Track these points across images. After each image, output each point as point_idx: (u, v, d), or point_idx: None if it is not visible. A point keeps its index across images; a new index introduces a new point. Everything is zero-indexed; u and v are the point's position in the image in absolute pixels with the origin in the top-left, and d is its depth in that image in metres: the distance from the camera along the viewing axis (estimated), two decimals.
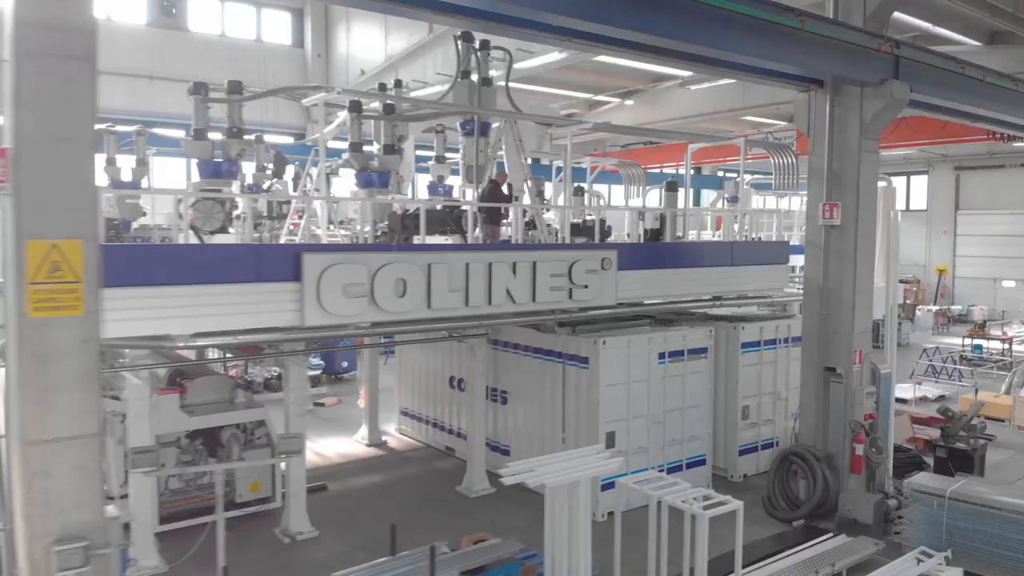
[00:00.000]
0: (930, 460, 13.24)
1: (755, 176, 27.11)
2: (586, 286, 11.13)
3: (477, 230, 11.88)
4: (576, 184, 18.28)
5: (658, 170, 35.64)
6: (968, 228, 37.61)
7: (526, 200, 13.31)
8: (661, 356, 12.23)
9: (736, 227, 16.19)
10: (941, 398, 19.52)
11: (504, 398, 13.31)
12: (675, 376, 12.40)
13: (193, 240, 10.22)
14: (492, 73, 13.67)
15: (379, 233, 12.10)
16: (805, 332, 11.74)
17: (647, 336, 12.16)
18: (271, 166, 15.97)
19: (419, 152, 18.65)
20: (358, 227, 12.45)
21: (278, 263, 8.58)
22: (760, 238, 20.69)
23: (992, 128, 15.50)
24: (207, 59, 24.14)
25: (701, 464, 12.85)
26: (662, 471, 12.28)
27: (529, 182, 13.21)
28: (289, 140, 25.00)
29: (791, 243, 16.39)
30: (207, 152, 11.17)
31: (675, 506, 7.92)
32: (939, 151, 36.57)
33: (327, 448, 15.22)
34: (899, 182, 39.89)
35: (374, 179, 12.07)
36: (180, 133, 20.22)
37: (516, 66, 17.88)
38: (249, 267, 8.38)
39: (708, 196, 41.67)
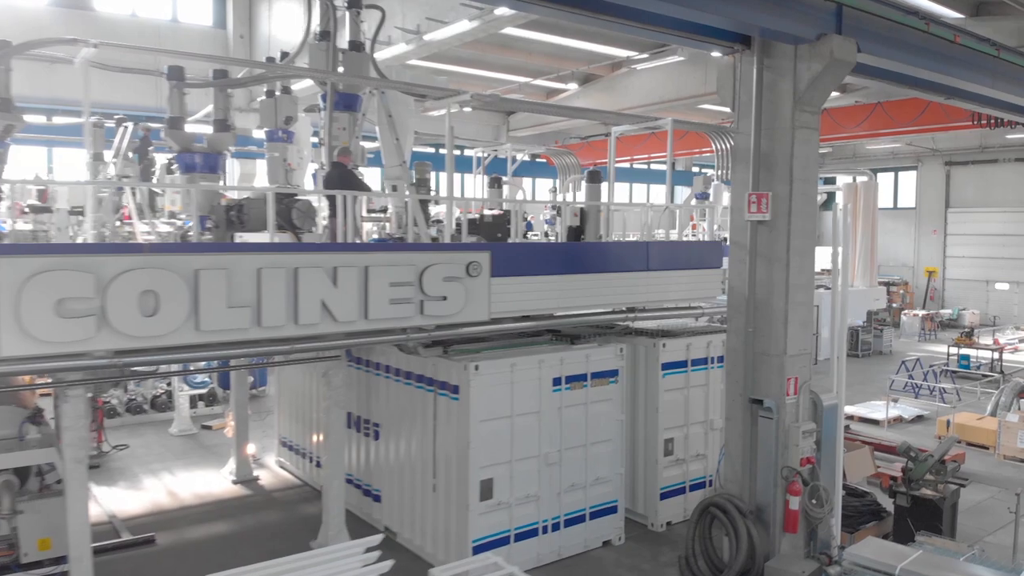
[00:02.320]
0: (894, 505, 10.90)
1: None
2: (445, 298, 8.73)
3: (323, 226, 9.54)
4: (493, 175, 15.97)
5: (627, 164, 33.39)
6: (959, 227, 35.39)
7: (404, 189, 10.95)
8: (556, 382, 9.90)
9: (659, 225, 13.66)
10: (919, 419, 17.21)
11: (376, 432, 10.98)
12: (575, 406, 10.08)
13: None
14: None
15: (205, 229, 9.75)
16: (728, 353, 9.36)
17: (538, 358, 9.78)
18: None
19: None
20: (189, 222, 10.05)
21: None
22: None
23: (971, 107, 13.10)
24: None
25: (611, 512, 10.53)
26: (558, 524, 10.15)
27: (407, 167, 10.84)
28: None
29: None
30: None
31: None
32: (928, 145, 34.25)
33: (185, 485, 12.87)
34: (886, 178, 37.60)
35: (196, 162, 9.69)
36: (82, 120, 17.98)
37: (427, 38, 15.65)
38: None
39: (684, 193, 39.41)
